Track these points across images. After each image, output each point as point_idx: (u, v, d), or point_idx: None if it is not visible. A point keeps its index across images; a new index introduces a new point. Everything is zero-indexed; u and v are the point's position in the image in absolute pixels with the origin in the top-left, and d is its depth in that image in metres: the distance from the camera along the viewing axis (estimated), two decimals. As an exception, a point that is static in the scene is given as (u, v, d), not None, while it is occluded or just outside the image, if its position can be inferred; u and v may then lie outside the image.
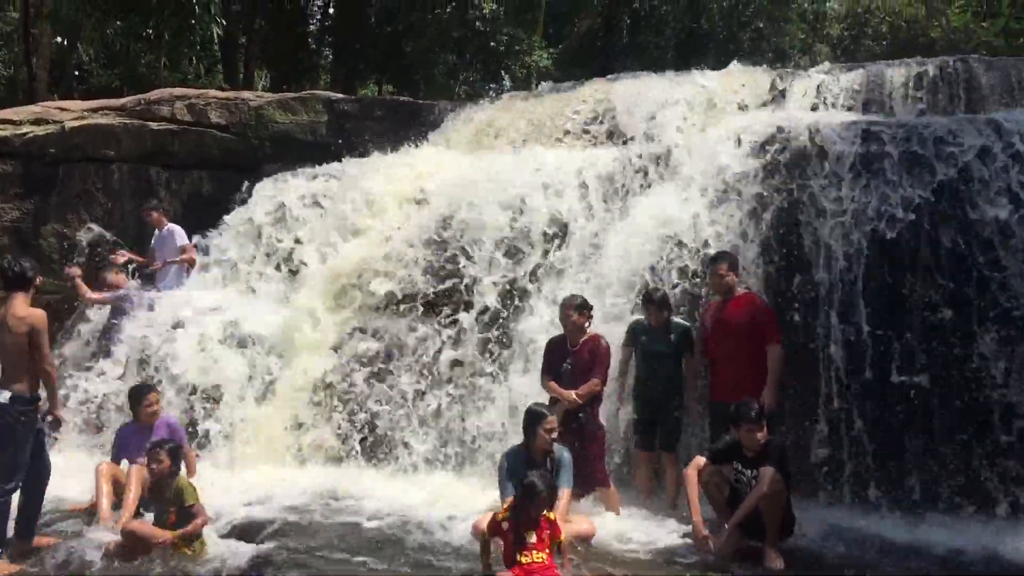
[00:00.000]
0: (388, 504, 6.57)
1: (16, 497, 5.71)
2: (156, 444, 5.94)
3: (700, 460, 6.14)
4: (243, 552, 5.61)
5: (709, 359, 6.99)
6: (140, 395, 6.95)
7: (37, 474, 5.77)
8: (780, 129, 7.94)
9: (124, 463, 6.73)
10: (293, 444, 7.71)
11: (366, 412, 7.78)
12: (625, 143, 9.18)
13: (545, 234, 8.29)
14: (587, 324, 6.87)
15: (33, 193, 11.02)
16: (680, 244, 7.57)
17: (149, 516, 6.00)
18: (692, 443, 6.99)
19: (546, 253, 8.20)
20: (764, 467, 5.77)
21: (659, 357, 6.91)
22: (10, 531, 5.70)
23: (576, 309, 6.82)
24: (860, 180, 7.29)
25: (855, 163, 7.39)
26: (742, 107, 9.43)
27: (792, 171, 7.59)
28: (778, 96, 9.47)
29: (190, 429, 7.57)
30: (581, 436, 6.55)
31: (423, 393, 7.78)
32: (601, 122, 9.62)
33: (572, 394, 6.61)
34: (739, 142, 8.03)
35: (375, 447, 7.69)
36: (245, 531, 6.06)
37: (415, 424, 7.65)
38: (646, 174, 8.45)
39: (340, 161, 10.25)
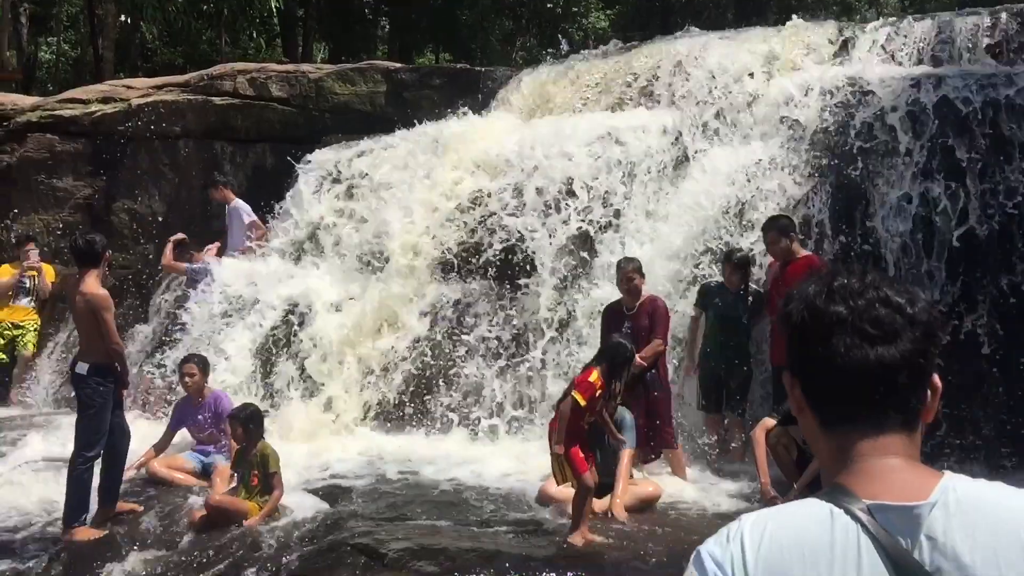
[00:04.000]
0: (457, 468, 6.66)
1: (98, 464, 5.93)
2: (232, 417, 6.08)
3: (768, 422, 6.08)
4: (318, 515, 5.75)
5: (772, 322, 6.91)
6: (180, 365, 7.16)
7: (117, 442, 5.97)
8: (850, 82, 7.75)
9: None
10: (362, 411, 7.84)
11: (436, 378, 7.88)
12: (686, 102, 9.03)
13: (605, 198, 8.25)
14: (643, 286, 6.84)
15: (103, 170, 11.30)
16: (742, 203, 7.47)
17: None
18: (758, 406, 6.94)
19: (607, 217, 8.16)
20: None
21: (732, 321, 6.84)
22: (94, 498, 5.94)
23: (636, 271, 6.79)
24: (929, 131, 7.08)
25: (925, 113, 7.19)
26: (805, 62, 9.20)
27: (861, 125, 7.40)
28: (843, 50, 9.22)
29: (262, 396, 7.70)
30: (647, 398, 6.54)
31: (493, 359, 7.83)
32: (661, 82, 9.47)
33: (636, 357, 6.59)
34: (806, 94, 7.87)
35: (443, 413, 7.79)
36: (319, 495, 6.19)
37: (485, 390, 7.72)
38: (712, 132, 8.33)
39: (399, 131, 10.30)
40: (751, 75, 8.74)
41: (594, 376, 5.36)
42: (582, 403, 5.26)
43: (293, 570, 5.06)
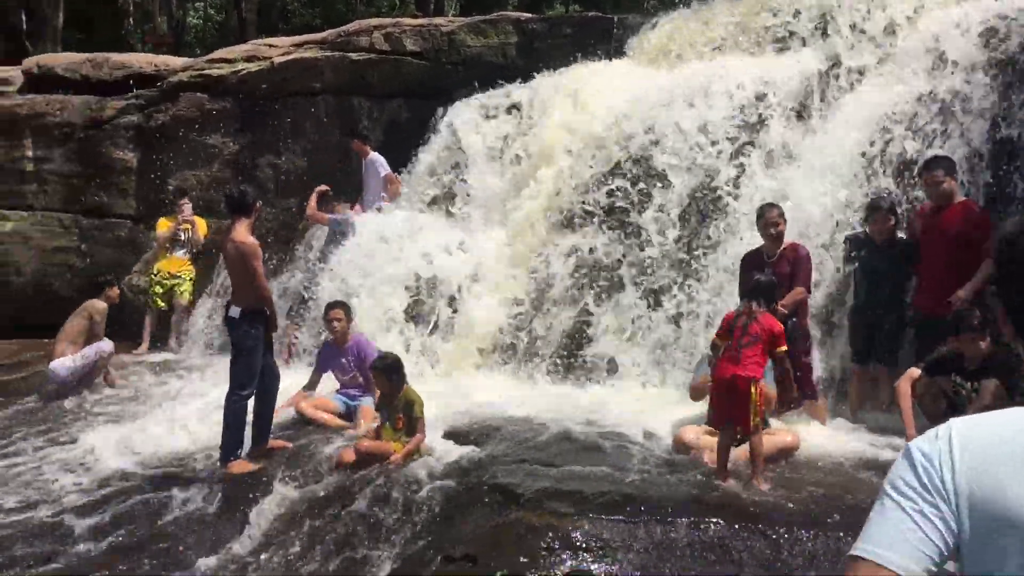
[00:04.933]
0: (595, 415, 6.70)
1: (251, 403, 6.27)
2: (375, 368, 6.24)
3: (914, 372, 5.84)
4: (456, 456, 5.92)
5: (917, 269, 6.60)
6: (326, 311, 7.41)
7: (268, 382, 6.29)
8: (1002, 17, 7.25)
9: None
10: (499, 357, 7.98)
11: (570, 326, 7.93)
12: (829, 42, 8.65)
13: (741, 143, 8.03)
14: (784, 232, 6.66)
15: (248, 127, 11.76)
16: (889, 143, 7.13)
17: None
18: (906, 356, 6.67)
19: (744, 163, 7.95)
20: (987, 380, 5.42)
21: (879, 272, 6.58)
22: (248, 435, 6.29)
23: (779, 216, 6.60)
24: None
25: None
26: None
27: (1017, 63, 6.93)
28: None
29: (403, 343, 7.92)
30: (790, 347, 6.37)
31: (627, 307, 7.82)
32: (801, 23, 9.09)
33: (777, 305, 6.43)
34: (958, 30, 7.40)
35: (579, 360, 7.84)
36: (458, 438, 6.36)
37: (618, 338, 7.72)
38: (856, 71, 7.97)
39: (532, 80, 10.30)
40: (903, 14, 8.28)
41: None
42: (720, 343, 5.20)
43: (431, 508, 5.24)
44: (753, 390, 5.08)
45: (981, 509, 1.37)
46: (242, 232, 6.18)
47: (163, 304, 10.74)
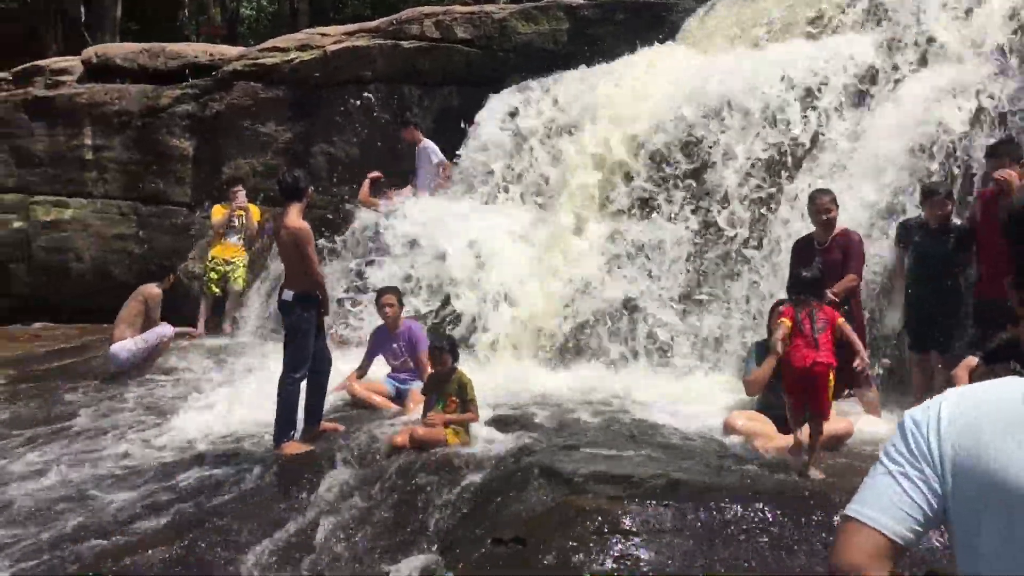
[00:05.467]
0: (644, 401, 6.69)
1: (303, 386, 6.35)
2: (435, 347, 6.28)
3: (972, 360, 5.70)
4: (506, 440, 5.95)
5: (978, 256, 6.45)
6: (378, 296, 7.47)
7: (320, 365, 6.37)
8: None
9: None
10: (549, 343, 7.98)
11: (620, 310, 7.90)
12: (889, 24, 8.47)
13: (794, 127, 7.92)
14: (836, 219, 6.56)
15: (302, 116, 11.90)
16: (946, 131, 6.98)
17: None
18: (964, 345, 6.53)
19: (799, 147, 7.84)
20: (1048, 368, 5.29)
21: (935, 259, 6.45)
22: (300, 418, 6.37)
23: (832, 202, 6.50)
24: None
25: None
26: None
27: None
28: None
29: (449, 327, 7.97)
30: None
31: (679, 295, 7.78)
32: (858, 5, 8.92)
33: (828, 293, 6.34)
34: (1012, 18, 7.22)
35: (630, 346, 7.81)
36: (507, 422, 6.39)
37: (669, 324, 7.68)
38: (918, 54, 7.81)
39: (582, 67, 10.26)
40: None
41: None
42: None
43: (480, 490, 5.27)
44: (831, 376, 5.04)
45: (964, 472, 1.44)
46: (295, 217, 6.25)
47: (217, 290, 10.93)
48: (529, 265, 8.48)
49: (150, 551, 4.96)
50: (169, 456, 6.53)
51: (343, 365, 7.32)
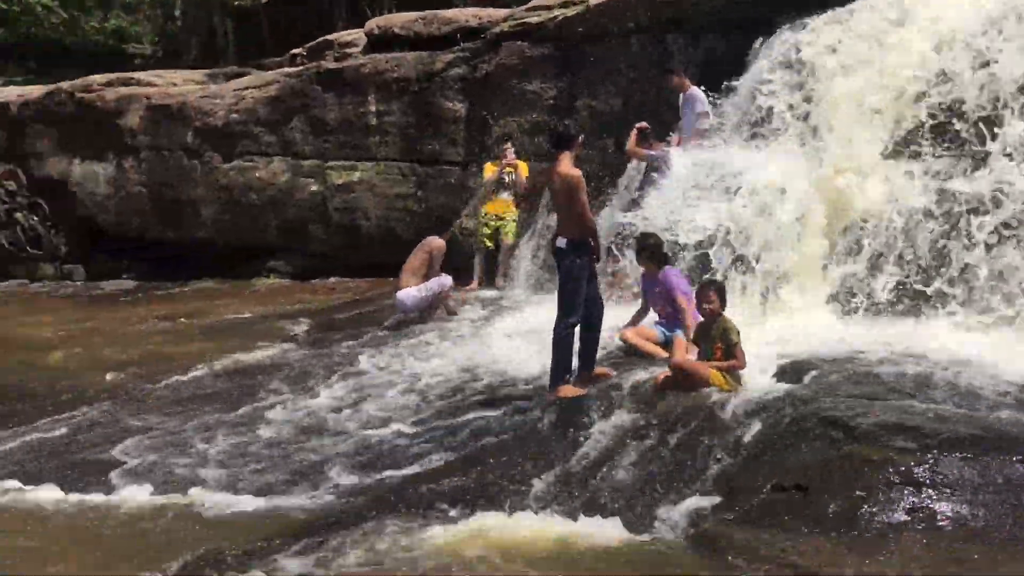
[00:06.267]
0: (931, 350, 6.25)
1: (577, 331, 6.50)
2: (704, 285, 6.28)
3: None
4: (778, 390, 5.79)
5: None
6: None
7: (593, 310, 6.49)
8: None
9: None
10: (830, 293, 7.64)
11: (911, 261, 7.42)
12: None
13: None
14: None
15: (566, 72, 12.04)
16: None
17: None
18: None
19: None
20: None
21: None
22: (575, 362, 6.54)
23: None
24: None
25: None
26: None
27: None
28: None
29: (723, 277, 7.76)
30: None
31: (972, 240, 7.19)
32: None
33: None
34: None
35: (914, 294, 7.33)
36: (779, 372, 6.21)
37: (964, 272, 7.11)
38: None
39: (856, 2, 9.60)
40: None
41: None
42: None
43: (757, 438, 5.18)
44: None
45: None
46: (566, 165, 6.38)
47: (490, 244, 11.42)
48: (806, 212, 8.07)
49: (443, 480, 5.35)
50: (449, 395, 6.98)
51: (613, 312, 7.40)
